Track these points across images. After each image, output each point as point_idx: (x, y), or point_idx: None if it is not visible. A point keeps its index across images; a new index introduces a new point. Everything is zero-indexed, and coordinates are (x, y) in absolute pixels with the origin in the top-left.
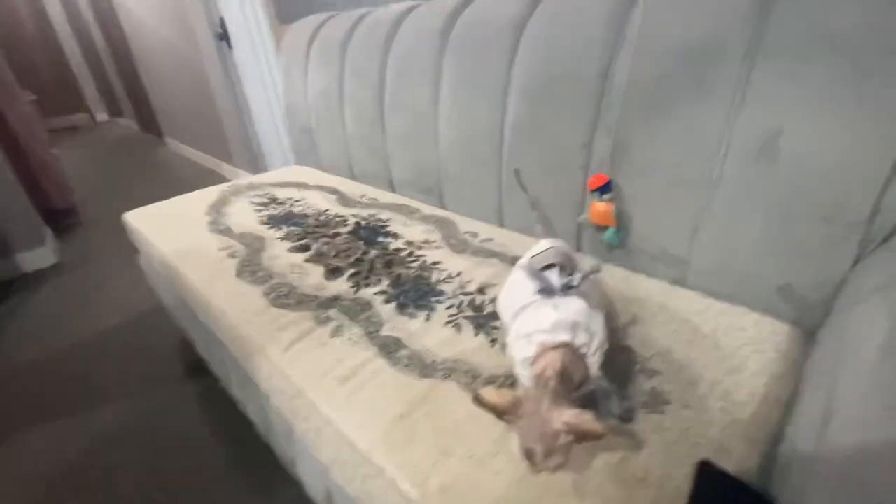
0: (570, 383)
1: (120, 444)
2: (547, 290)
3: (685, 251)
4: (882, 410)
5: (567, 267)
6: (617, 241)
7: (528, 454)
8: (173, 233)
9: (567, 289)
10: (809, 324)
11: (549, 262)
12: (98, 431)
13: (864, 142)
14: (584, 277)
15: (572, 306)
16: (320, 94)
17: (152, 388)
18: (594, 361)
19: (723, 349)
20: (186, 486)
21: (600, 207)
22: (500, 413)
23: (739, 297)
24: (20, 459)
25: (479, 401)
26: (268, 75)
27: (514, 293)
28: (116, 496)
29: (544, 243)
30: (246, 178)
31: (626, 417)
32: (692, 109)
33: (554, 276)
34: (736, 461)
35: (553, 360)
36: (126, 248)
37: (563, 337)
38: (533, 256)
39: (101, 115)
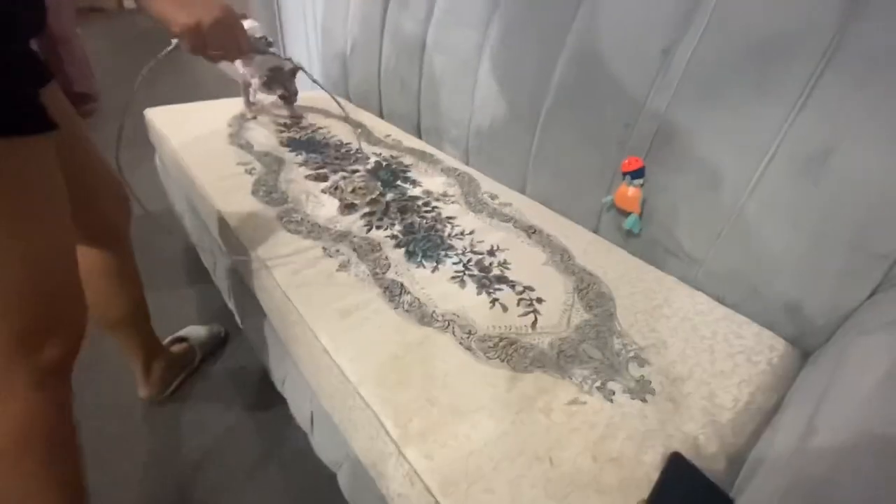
0: None
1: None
2: None
3: (703, 252)
4: (859, 439)
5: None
6: (637, 228)
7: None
8: (193, 138)
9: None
10: (808, 345)
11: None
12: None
13: None
14: None
15: None
16: (361, 19)
17: (154, 287)
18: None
19: (716, 353)
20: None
21: (628, 192)
22: None
23: (745, 306)
24: None
25: None
26: None
27: None
28: (102, 389)
29: None
30: None
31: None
32: (749, 107)
33: None
34: (706, 459)
35: None
36: (142, 143)
37: None
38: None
39: (129, 2)
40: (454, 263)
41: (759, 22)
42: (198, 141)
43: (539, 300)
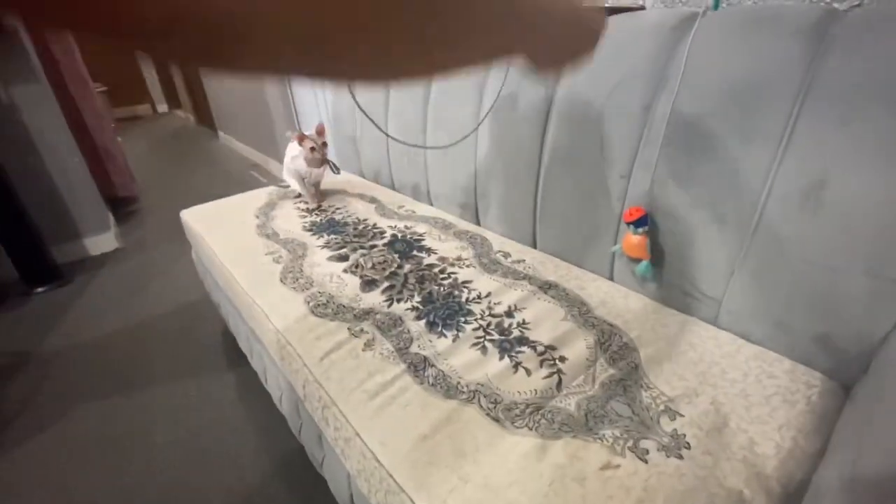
0: None
1: (164, 421)
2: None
3: (719, 291)
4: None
5: None
6: (650, 274)
7: None
8: (225, 233)
9: None
10: (847, 376)
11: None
12: (144, 408)
13: None
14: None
15: None
16: (366, 105)
17: (196, 373)
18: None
19: (751, 397)
20: (219, 465)
21: (634, 240)
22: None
23: (773, 342)
24: (74, 429)
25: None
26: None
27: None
28: (156, 469)
29: None
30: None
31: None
32: (734, 150)
33: None
34: None
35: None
36: (180, 238)
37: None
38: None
39: (162, 107)
40: (474, 329)
41: (730, 71)
42: (228, 235)
43: (562, 358)
